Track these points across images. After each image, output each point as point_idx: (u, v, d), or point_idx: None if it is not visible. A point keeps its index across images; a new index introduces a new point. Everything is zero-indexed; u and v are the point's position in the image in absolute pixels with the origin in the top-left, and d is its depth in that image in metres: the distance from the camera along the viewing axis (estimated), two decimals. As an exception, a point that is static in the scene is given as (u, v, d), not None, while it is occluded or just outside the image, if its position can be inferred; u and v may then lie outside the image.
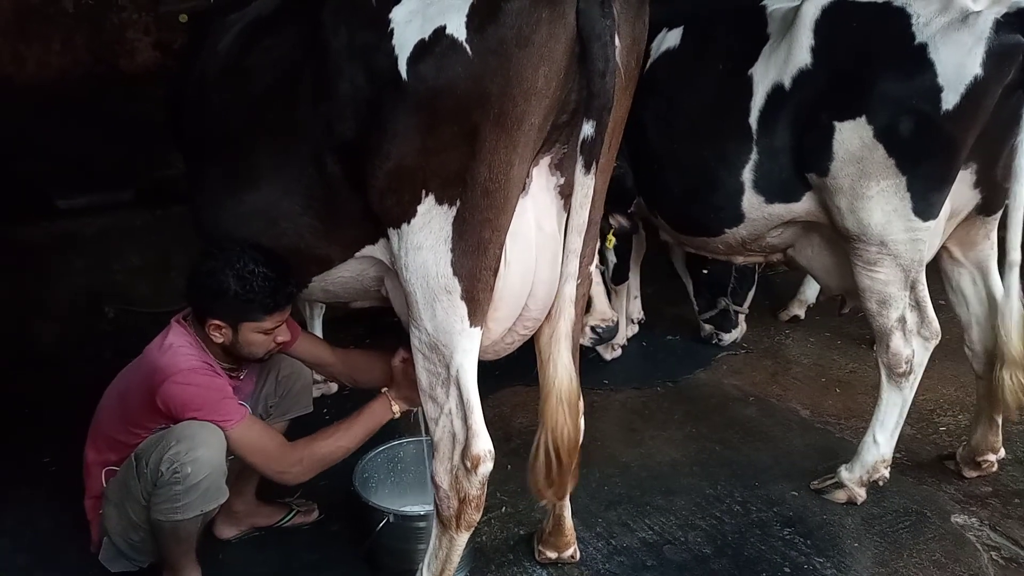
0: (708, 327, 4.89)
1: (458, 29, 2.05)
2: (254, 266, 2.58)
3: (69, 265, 4.60)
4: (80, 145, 4.75)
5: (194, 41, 3.09)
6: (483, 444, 2.30)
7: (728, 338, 4.87)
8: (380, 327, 4.71)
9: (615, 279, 4.63)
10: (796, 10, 3.09)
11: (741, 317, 4.87)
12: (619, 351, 4.76)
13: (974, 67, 2.70)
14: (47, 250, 4.56)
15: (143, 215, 4.79)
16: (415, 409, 2.70)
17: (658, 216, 3.79)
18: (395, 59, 2.13)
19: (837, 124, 2.95)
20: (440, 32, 2.07)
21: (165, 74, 4.71)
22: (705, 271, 4.70)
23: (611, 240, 4.08)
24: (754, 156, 3.18)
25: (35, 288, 4.52)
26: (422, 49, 2.10)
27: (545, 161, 2.27)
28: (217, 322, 2.68)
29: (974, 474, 3.50)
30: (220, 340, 2.71)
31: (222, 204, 2.72)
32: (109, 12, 4.79)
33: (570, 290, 2.30)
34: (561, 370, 2.36)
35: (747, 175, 3.22)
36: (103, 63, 4.86)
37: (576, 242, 2.26)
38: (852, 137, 2.93)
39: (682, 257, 4.83)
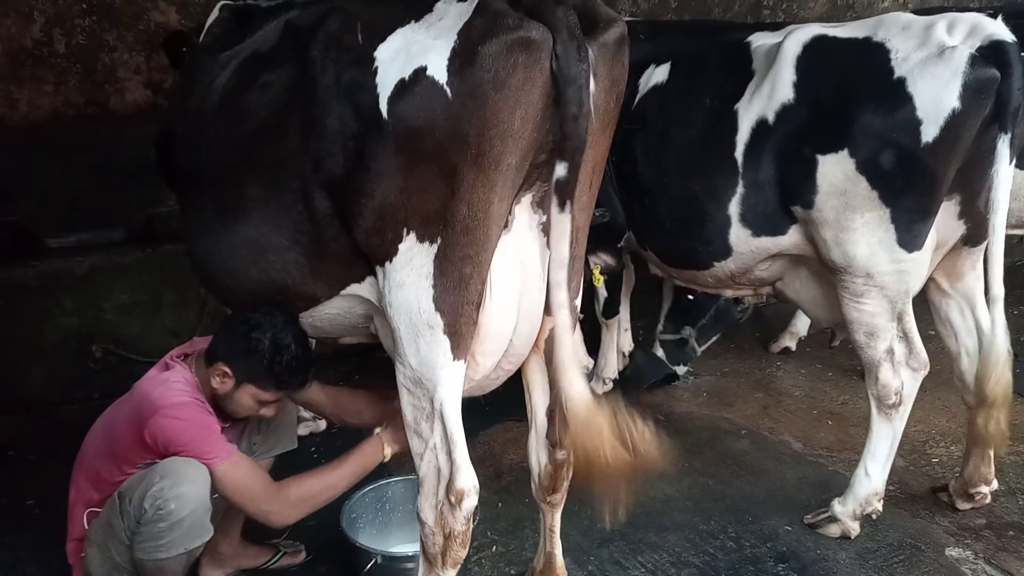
0: (660, 351, 4.79)
1: (439, 71, 2.08)
2: (291, 342, 2.63)
3: (59, 305, 4.58)
4: (71, 184, 4.77)
5: (187, 79, 3.12)
6: (467, 479, 2.29)
7: (678, 370, 4.79)
8: (369, 363, 4.70)
9: (606, 313, 4.62)
10: (778, 46, 3.14)
11: (692, 356, 4.80)
12: (610, 385, 4.75)
13: (951, 100, 2.75)
14: (37, 290, 4.55)
15: (134, 253, 4.79)
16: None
17: (648, 250, 3.81)
18: (377, 97, 2.16)
19: (820, 157, 2.98)
20: (420, 72, 2.10)
21: (156, 113, 4.74)
22: (691, 296, 4.60)
23: (598, 278, 4.07)
24: (740, 190, 3.21)
25: (24, 328, 4.50)
26: (402, 88, 2.12)
27: (527, 199, 2.30)
28: (226, 369, 2.66)
29: (968, 506, 3.49)
30: (216, 386, 2.68)
31: (214, 236, 2.73)
32: (100, 52, 4.84)
33: (563, 318, 2.30)
34: (575, 396, 2.29)
35: (734, 209, 3.24)
36: (94, 103, 4.91)
37: (559, 274, 2.28)
38: (835, 170, 2.96)
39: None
